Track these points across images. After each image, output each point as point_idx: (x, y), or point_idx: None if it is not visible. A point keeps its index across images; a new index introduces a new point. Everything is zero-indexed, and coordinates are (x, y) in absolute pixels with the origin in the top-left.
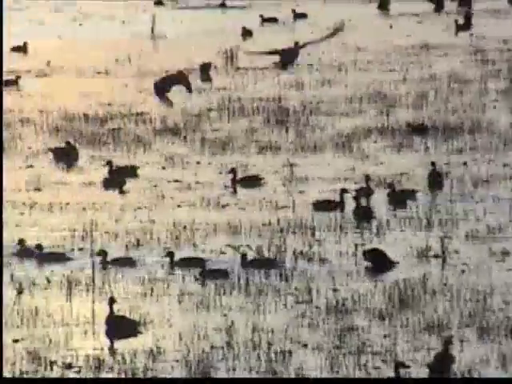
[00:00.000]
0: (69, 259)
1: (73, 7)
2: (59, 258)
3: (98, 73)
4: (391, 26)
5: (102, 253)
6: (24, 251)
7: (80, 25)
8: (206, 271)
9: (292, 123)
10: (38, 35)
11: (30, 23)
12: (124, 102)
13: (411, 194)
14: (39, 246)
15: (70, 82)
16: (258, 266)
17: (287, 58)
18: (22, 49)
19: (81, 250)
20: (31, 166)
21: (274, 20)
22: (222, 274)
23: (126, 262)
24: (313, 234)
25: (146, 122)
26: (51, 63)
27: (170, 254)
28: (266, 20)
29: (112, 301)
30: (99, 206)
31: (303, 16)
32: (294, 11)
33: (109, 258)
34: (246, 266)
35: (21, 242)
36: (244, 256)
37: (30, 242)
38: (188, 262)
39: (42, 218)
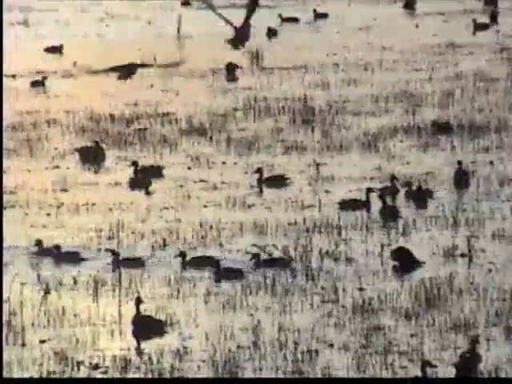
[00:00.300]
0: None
1: (99, 8)
2: (86, 258)
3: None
4: (417, 26)
5: (113, 253)
6: (50, 252)
7: (106, 25)
8: (221, 271)
9: (318, 123)
10: (64, 36)
11: (57, 24)
12: (150, 102)
13: (435, 193)
14: (66, 247)
15: (96, 83)
16: (271, 265)
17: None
18: (49, 50)
19: (107, 250)
20: (58, 167)
21: (294, 20)
22: (239, 273)
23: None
24: (339, 234)
25: (172, 122)
26: (78, 64)
27: (182, 254)
28: (285, 20)
29: (139, 301)
30: (125, 206)
31: (324, 16)
32: (315, 11)
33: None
34: (260, 265)
35: (43, 242)
36: (256, 256)
37: (57, 243)
38: (205, 261)
39: (69, 219)
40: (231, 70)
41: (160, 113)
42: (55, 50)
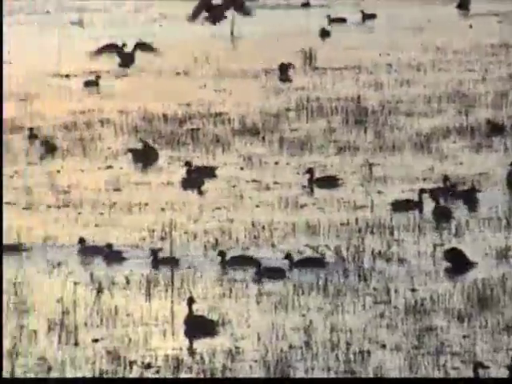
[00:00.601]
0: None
1: (153, 8)
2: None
3: (177, 73)
4: (471, 26)
5: (153, 253)
6: (103, 251)
7: (160, 25)
8: (261, 270)
9: (371, 123)
10: (118, 36)
11: (111, 24)
12: (203, 102)
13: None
14: (118, 246)
15: (149, 83)
16: (303, 265)
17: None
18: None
19: (160, 250)
20: (111, 167)
21: (342, 20)
22: (279, 272)
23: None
24: (391, 234)
25: (225, 122)
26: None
27: (222, 254)
28: (333, 20)
29: (191, 301)
30: (178, 206)
31: (372, 17)
32: (362, 12)
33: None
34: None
35: (96, 242)
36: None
37: (109, 242)
38: (256, 262)
39: (122, 218)
40: (284, 70)
41: (213, 113)
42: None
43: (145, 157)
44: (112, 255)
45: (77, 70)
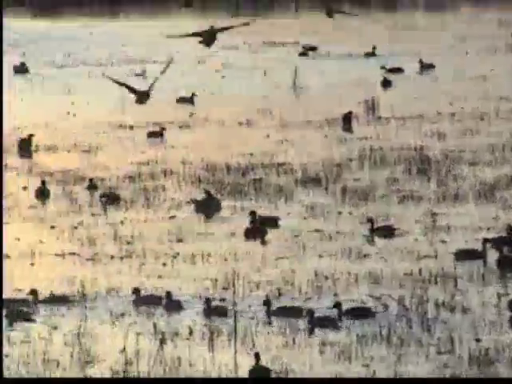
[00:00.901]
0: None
1: (216, 58)
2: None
3: (240, 123)
4: None
5: (206, 301)
6: (166, 301)
7: (223, 77)
8: (314, 320)
9: (434, 172)
10: (181, 87)
11: (174, 75)
12: (266, 152)
13: None
14: (181, 297)
15: (212, 133)
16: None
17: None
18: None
19: (223, 300)
20: (173, 217)
21: (398, 70)
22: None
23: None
24: (455, 284)
25: (288, 172)
26: (194, 115)
27: (267, 303)
28: (392, 70)
29: (255, 351)
30: (241, 256)
31: (431, 67)
32: (421, 61)
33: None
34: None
35: (159, 292)
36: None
37: (172, 292)
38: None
39: (185, 269)
40: (347, 119)
41: (276, 163)
42: (170, 101)
43: (208, 207)
44: (174, 305)
45: (140, 121)
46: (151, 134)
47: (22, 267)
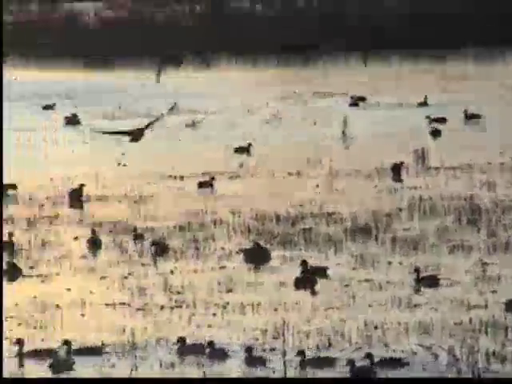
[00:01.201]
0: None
1: (265, 109)
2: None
3: (290, 173)
4: None
5: (249, 350)
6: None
7: (273, 127)
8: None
9: (484, 222)
10: (231, 138)
11: (224, 126)
12: (315, 202)
13: None
14: (231, 346)
15: (262, 183)
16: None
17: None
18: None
19: (273, 350)
20: (223, 267)
21: (445, 120)
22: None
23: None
24: (506, 334)
25: (337, 221)
26: (244, 165)
27: (301, 353)
28: (437, 120)
29: None
30: (290, 306)
31: (479, 116)
32: (465, 112)
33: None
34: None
35: (210, 343)
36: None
37: (219, 341)
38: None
39: (235, 319)
40: (397, 169)
41: (325, 212)
42: (242, 150)
43: (257, 257)
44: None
45: (191, 172)
46: (201, 184)
47: (73, 317)
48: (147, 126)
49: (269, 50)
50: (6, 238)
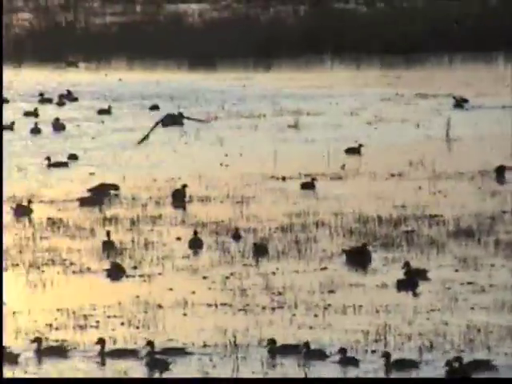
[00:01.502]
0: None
1: (368, 111)
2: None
3: (392, 175)
4: None
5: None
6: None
7: (375, 128)
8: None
9: None
10: (330, 139)
11: (326, 127)
12: (418, 204)
13: None
14: (331, 348)
15: (364, 185)
16: None
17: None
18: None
19: (374, 352)
20: (325, 268)
21: None
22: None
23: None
24: None
25: (440, 224)
26: (346, 167)
27: (386, 355)
28: None
29: None
30: (392, 308)
31: None
32: None
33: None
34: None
35: (307, 344)
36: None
37: (322, 344)
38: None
39: (336, 320)
40: (501, 171)
41: (428, 214)
42: (353, 151)
43: (359, 258)
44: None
45: (293, 173)
46: (304, 186)
47: (175, 317)
48: (150, 131)
49: (372, 51)
50: (106, 237)
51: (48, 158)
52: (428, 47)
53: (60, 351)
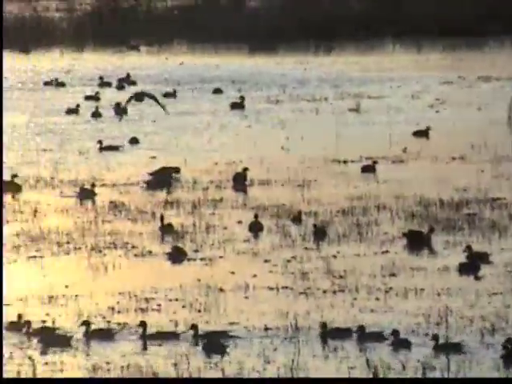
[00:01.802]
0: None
1: (430, 94)
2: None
3: (454, 158)
4: None
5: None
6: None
7: (437, 112)
8: None
9: None
10: (395, 122)
11: (387, 110)
12: (480, 187)
13: None
14: (393, 331)
15: (425, 168)
16: None
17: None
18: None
19: (434, 336)
20: (387, 252)
21: None
22: None
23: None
24: None
25: (502, 207)
26: (407, 149)
27: (435, 337)
28: None
29: None
30: (454, 291)
31: None
32: None
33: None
34: None
35: (366, 327)
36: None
37: (393, 328)
38: None
39: (397, 304)
40: None
41: (489, 198)
42: (421, 133)
43: (421, 242)
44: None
45: (354, 156)
46: (365, 169)
47: (236, 300)
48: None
49: (434, 33)
50: (167, 220)
51: (106, 142)
52: (490, 30)
53: (108, 334)
